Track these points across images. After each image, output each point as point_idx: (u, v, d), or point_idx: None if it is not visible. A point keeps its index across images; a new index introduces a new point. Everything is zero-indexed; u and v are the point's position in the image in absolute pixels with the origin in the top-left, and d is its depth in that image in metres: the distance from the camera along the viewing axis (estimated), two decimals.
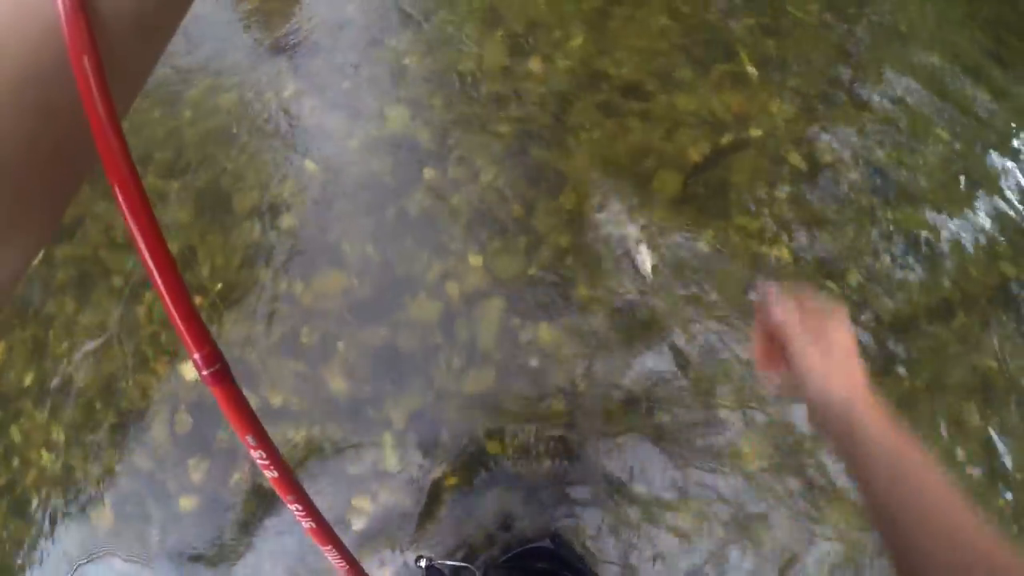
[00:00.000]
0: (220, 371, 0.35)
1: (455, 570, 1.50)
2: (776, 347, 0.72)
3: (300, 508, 0.45)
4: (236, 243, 1.77)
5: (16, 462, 2.01)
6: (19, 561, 1.90)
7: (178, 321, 0.31)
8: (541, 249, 1.75)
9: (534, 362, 1.64)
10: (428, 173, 1.80)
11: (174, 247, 1.85)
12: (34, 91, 0.27)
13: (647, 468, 1.63)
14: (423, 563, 1.15)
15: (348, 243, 1.71)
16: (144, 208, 0.30)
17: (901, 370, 1.85)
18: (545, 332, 1.67)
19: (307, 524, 0.46)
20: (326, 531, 0.48)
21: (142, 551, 1.71)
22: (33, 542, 1.88)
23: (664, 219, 1.91)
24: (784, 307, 0.70)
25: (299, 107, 1.93)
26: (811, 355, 0.67)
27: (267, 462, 0.40)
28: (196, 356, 0.33)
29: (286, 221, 1.76)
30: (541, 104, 1.97)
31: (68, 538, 1.81)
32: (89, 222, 2.06)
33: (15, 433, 2.03)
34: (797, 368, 0.68)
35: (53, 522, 1.85)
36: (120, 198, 0.29)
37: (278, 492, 0.42)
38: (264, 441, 0.38)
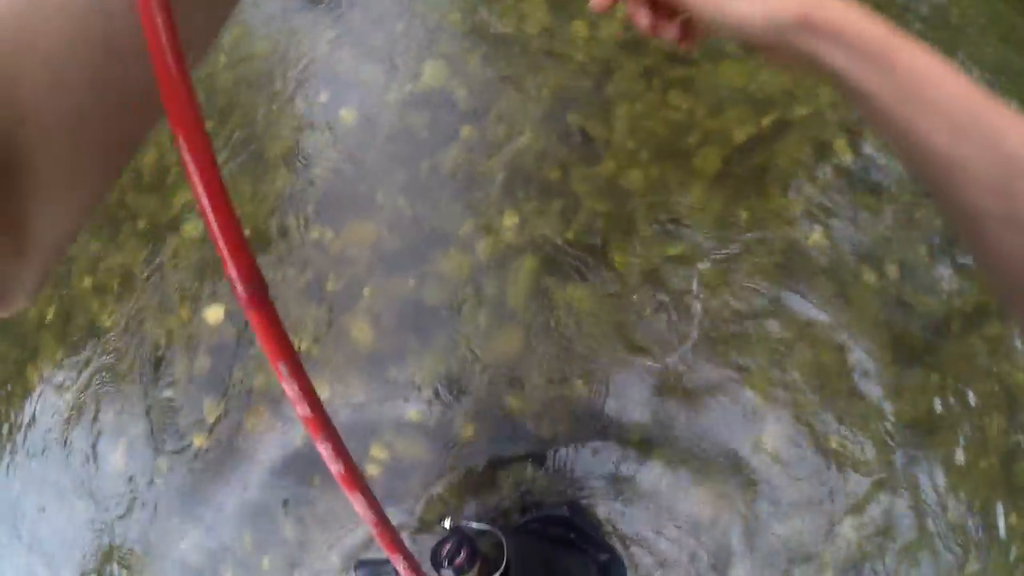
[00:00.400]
0: (258, 293, 0.32)
1: (479, 533, 1.47)
2: None
3: (331, 448, 0.42)
4: (266, 190, 1.74)
5: (36, 397, 2.00)
6: (39, 500, 1.89)
7: (218, 234, 0.29)
8: (578, 213, 1.71)
9: (564, 325, 1.60)
10: (464, 131, 1.76)
11: None
12: (100, 23, 0.26)
13: (672, 435, 1.59)
14: (447, 523, 1.12)
15: (380, 194, 1.68)
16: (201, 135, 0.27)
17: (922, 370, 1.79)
18: (578, 296, 1.63)
19: (336, 468, 0.43)
20: (355, 476, 0.45)
21: (153, 493, 1.69)
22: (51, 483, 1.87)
23: (699, 199, 1.86)
24: None
25: (335, 57, 1.90)
26: None
27: (299, 394, 0.36)
28: (234, 273, 0.31)
29: (318, 170, 1.73)
30: (582, 69, 1.92)
31: (82, 472, 1.80)
32: None
33: (31, 373, 2.02)
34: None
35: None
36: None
37: (308, 430, 0.39)
38: (298, 372, 0.36)
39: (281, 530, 1.64)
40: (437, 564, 1.07)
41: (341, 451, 0.42)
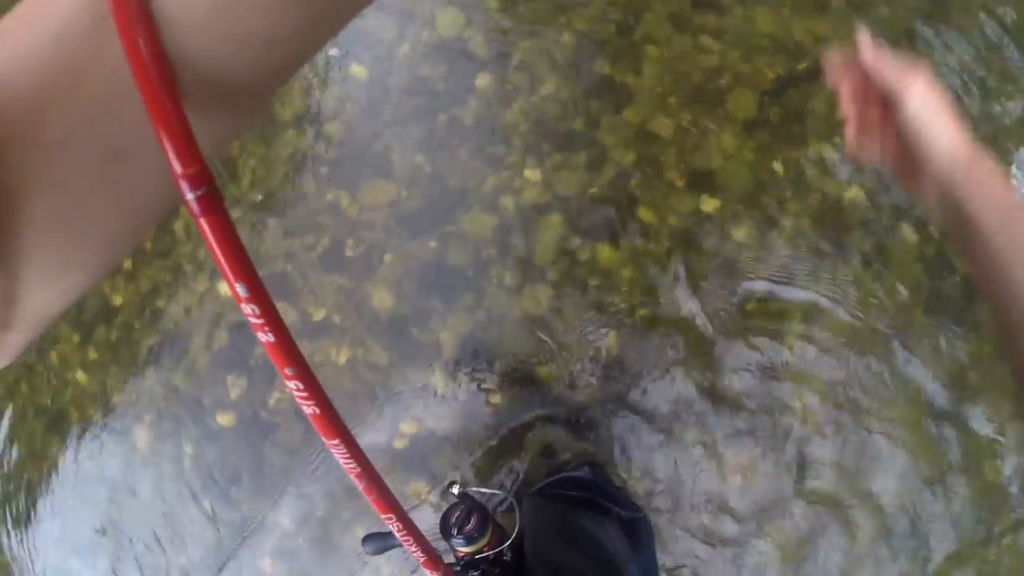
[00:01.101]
0: (209, 196, 0.27)
1: (489, 497, 1.41)
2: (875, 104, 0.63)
3: (300, 385, 0.35)
4: (279, 153, 1.66)
5: (55, 382, 1.97)
6: (59, 480, 1.88)
7: (160, 125, 0.25)
8: (605, 166, 1.60)
9: (592, 284, 1.51)
10: (482, 81, 1.65)
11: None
12: (108, 123, 0.26)
13: (698, 407, 1.51)
14: (455, 490, 1.06)
15: (397, 152, 1.59)
16: None
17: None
18: (606, 253, 1.53)
19: (309, 409, 0.37)
20: (333, 421, 0.39)
21: (178, 469, 1.66)
22: (71, 460, 1.85)
23: (733, 147, 1.75)
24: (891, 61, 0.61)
25: None
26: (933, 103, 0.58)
27: (261, 321, 0.30)
28: (180, 171, 0.26)
29: (331, 129, 1.65)
30: (605, 15, 1.80)
31: (107, 457, 1.77)
32: None
33: (53, 356, 1.99)
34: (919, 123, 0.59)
35: (91, 441, 1.81)
36: None
37: (272, 359, 0.33)
38: (258, 292, 0.30)
39: (316, 508, 1.59)
40: (447, 532, 1.02)
41: (312, 387, 0.35)
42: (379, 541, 1.03)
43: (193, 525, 1.67)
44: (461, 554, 1.03)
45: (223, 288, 1.67)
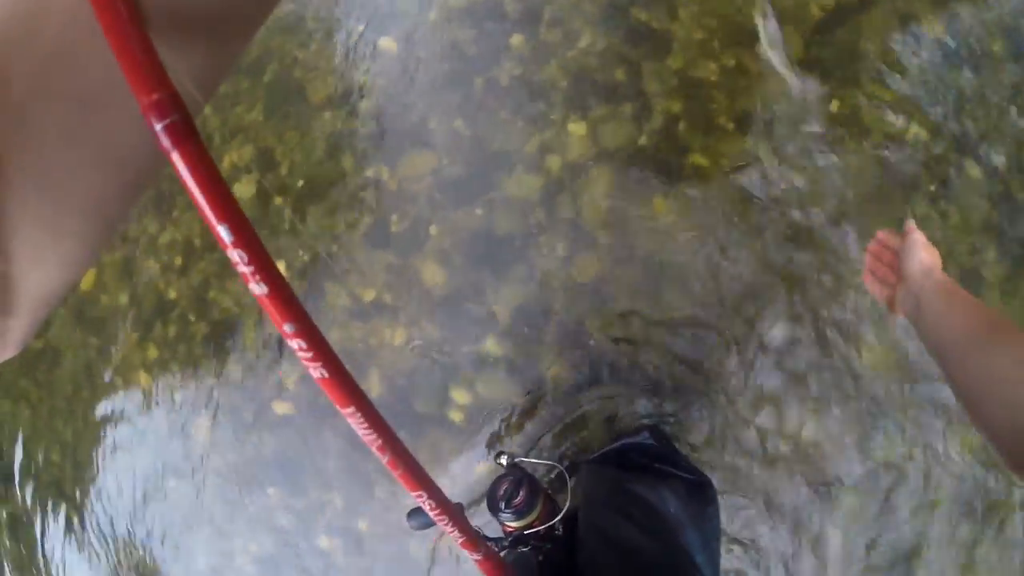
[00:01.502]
0: (179, 125, 0.24)
1: (540, 467, 1.36)
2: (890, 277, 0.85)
3: (303, 340, 0.30)
4: (315, 136, 1.63)
5: (119, 382, 2.00)
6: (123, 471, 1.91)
7: (119, 49, 0.22)
8: (651, 116, 1.52)
9: (647, 244, 1.44)
10: (516, 41, 1.59)
11: (248, 151, 1.74)
12: (72, 74, 0.24)
13: (764, 377, 1.42)
14: (504, 460, 1.00)
15: (434, 120, 1.54)
16: None
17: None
18: (660, 206, 1.46)
19: (317, 373, 0.32)
20: (346, 386, 0.34)
21: (238, 460, 1.66)
22: (136, 457, 1.88)
23: (782, 88, 1.64)
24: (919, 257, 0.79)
25: None
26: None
27: (251, 269, 0.26)
28: (145, 100, 0.23)
29: (365, 105, 1.61)
30: None
31: (169, 452, 1.79)
32: None
33: (115, 355, 2.02)
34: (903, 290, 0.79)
35: (154, 437, 1.83)
36: None
37: (269, 313, 0.29)
38: (245, 235, 0.26)
39: (374, 487, 1.57)
40: (494, 506, 0.96)
41: (318, 346, 0.30)
42: (424, 515, 0.98)
43: (258, 512, 1.68)
44: (510, 529, 0.97)
45: None
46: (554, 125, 1.48)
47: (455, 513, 0.55)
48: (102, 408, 2.02)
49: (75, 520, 2.13)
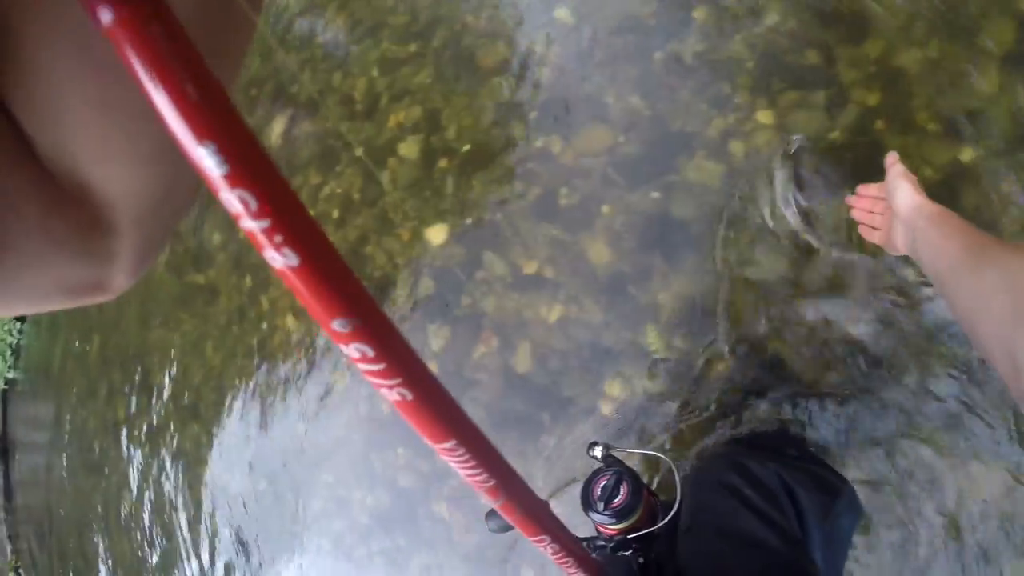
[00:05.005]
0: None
1: (642, 459, 1.28)
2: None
3: (368, 353, 0.22)
4: (484, 102, 1.63)
5: (264, 326, 2.13)
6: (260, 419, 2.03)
7: None
8: (845, 106, 1.42)
9: (837, 248, 1.35)
10: (699, 13, 1.51)
11: (416, 112, 1.76)
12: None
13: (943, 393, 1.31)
14: (598, 452, 0.89)
15: (611, 95, 1.50)
16: None
17: None
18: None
19: (395, 395, 0.24)
20: (434, 402, 0.24)
21: (371, 414, 1.72)
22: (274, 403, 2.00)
23: (993, 85, 1.48)
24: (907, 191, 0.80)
25: None
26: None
27: (266, 223, 0.19)
28: None
29: (538, 74, 1.59)
30: None
31: (304, 397, 1.89)
32: (328, 95, 2.04)
33: (264, 301, 2.15)
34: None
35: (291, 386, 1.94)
36: None
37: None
38: (240, 133, 0.17)
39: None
40: (589, 505, 0.84)
41: (390, 350, 0.21)
42: (503, 518, 0.91)
43: (383, 468, 1.74)
44: (609, 533, 0.86)
45: (431, 235, 1.69)
46: (739, 110, 1.41)
47: (586, 557, 0.49)
48: (249, 343, 2.15)
49: (203, 439, 2.31)
